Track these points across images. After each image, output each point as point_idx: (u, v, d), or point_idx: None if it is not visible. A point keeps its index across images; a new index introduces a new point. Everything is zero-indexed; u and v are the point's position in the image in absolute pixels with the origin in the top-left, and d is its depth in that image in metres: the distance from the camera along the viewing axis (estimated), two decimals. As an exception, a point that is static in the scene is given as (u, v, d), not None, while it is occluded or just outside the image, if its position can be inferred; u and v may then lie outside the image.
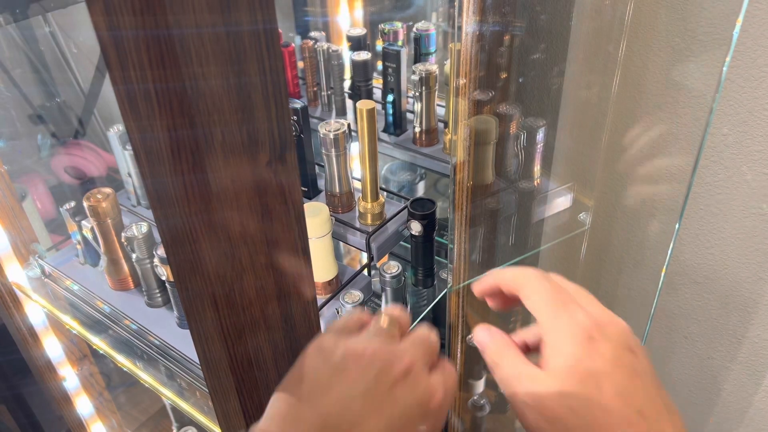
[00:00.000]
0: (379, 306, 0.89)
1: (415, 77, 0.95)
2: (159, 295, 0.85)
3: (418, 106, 0.98)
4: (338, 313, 0.79)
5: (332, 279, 0.81)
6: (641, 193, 0.96)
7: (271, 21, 0.40)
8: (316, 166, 0.96)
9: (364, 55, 1.03)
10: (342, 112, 1.12)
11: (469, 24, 0.72)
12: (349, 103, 1.11)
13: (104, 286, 0.89)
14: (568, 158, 0.97)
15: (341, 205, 0.89)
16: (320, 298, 0.81)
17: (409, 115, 1.07)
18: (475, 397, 1.09)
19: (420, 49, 1.04)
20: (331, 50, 1.07)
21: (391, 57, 0.99)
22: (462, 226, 0.83)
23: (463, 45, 0.73)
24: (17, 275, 0.98)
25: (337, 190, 0.87)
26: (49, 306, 0.97)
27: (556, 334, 0.37)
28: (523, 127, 0.87)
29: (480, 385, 1.09)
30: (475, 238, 0.88)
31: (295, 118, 0.86)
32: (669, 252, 0.84)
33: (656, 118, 0.90)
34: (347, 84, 1.11)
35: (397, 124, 1.05)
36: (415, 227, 0.83)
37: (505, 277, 0.42)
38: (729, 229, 0.90)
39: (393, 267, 0.83)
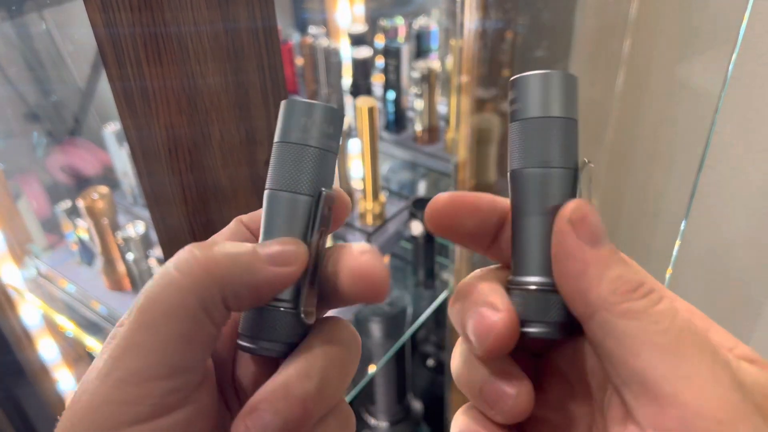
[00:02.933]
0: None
1: (416, 74, 0.94)
2: (156, 295, 0.84)
3: (419, 104, 0.97)
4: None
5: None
6: (645, 193, 0.95)
7: (270, 18, 0.39)
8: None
9: (364, 52, 1.02)
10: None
11: (471, 20, 0.71)
12: (349, 100, 1.10)
13: (100, 286, 0.88)
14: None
15: (341, 204, 0.88)
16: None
17: (410, 113, 1.06)
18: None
19: (421, 45, 1.03)
20: (330, 47, 1.06)
21: (391, 54, 0.98)
22: (464, 226, 0.82)
23: (465, 42, 0.72)
24: (12, 275, 0.97)
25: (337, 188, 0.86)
26: (45, 306, 0.96)
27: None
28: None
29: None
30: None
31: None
32: (674, 252, 0.84)
33: (661, 117, 0.89)
34: (347, 81, 1.10)
35: (397, 122, 1.04)
36: (416, 228, 0.82)
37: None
38: (734, 228, 0.89)
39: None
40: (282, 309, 0.23)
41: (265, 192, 0.24)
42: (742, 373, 0.19)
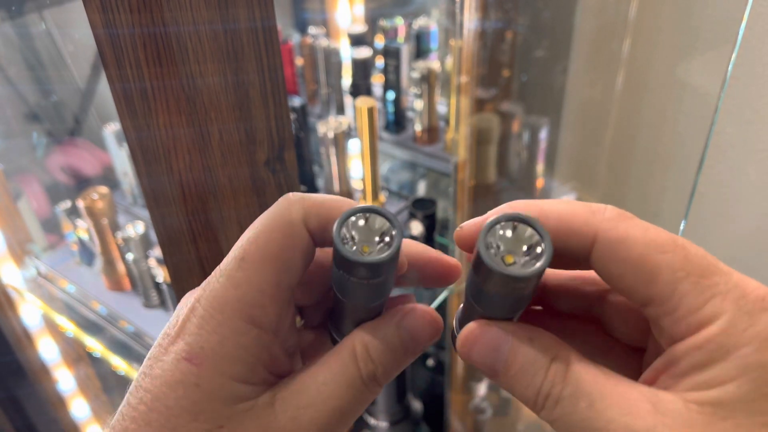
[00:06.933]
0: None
1: (416, 75, 0.94)
2: (155, 295, 0.84)
3: (418, 104, 0.97)
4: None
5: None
6: (645, 193, 0.95)
7: (270, 18, 0.39)
8: (315, 165, 0.95)
9: (364, 52, 1.02)
10: (341, 110, 1.11)
11: (470, 20, 0.71)
12: (348, 100, 1.10)
13: (100, 286, 0.88)
14: (571, 157, 0.96)
15: (341, 204, 0.88)
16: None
17: (410, 113, 1.06)
18: (477, 400, 1.08)
19: (421, 46, 1.03)
20: (330, 47, 1.05)
21: (391, 54, 0.98)
22: (463, 226, 0.82)
23: (465, 42, 0.72)
24: (12, 275, 0.97)
25: (337, 189, 0.86)
26: (45, 307, 0.96)
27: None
28: (525, 125, 0.85)
29: (482, 388, 1.08)
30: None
31: (294, 116, 0.85)
32: (673, 252, 0.83)
33: (660, 117, 0.89)
34: (347, 81, 1.10)
35: (397, 122, 1.04)
36: (416, 228, 0.82)
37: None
38: (734, 229, 0.89)
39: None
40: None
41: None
42: None
